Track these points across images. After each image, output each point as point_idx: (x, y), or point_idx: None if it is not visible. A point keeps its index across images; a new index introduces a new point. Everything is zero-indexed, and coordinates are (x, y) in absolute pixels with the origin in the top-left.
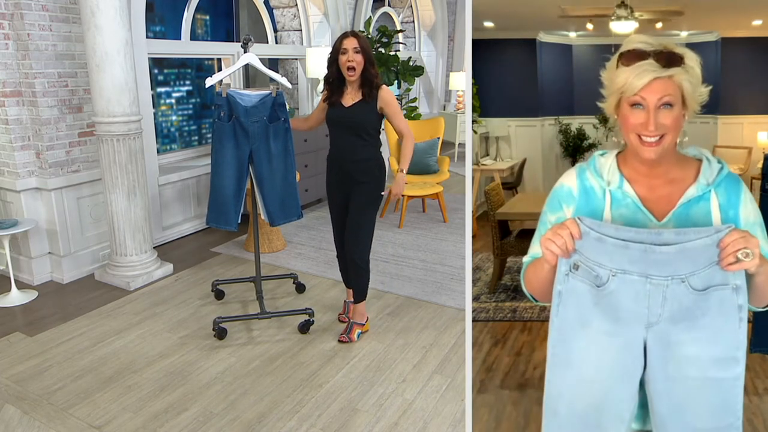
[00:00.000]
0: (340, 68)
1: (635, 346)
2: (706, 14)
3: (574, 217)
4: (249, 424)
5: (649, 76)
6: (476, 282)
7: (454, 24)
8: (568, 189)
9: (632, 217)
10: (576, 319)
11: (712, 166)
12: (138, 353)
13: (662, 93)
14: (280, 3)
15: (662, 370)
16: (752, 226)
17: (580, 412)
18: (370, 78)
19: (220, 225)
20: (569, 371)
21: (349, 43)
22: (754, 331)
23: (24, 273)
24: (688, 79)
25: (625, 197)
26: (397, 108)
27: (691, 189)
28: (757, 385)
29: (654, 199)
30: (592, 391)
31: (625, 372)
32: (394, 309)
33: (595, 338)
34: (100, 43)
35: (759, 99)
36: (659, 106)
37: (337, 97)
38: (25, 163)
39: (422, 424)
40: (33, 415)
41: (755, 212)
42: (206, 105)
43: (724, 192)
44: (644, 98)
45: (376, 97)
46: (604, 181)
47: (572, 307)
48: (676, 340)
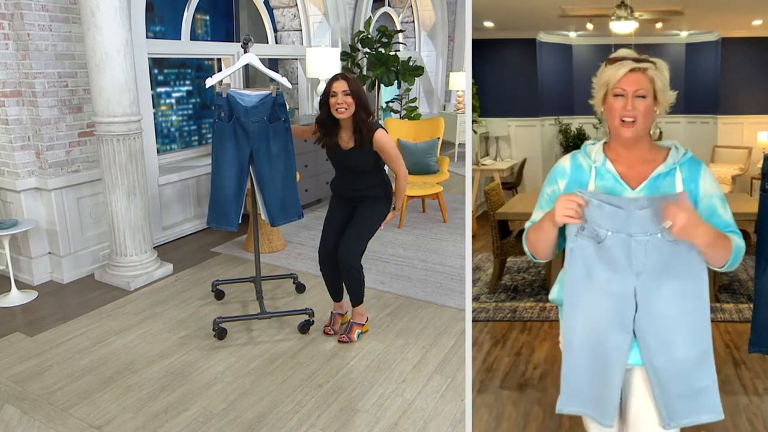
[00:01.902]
0: (330, 109)
1: (627, 292)
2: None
3: (566, 190)
4: (249, 424)
5: (627, 67)
6: (476, 282)
7: (454, 24)
8: (562, 167)
9: (612, 187)
10: (583, 270)
11: (679, 151)
12: (138, 353)
13: (637, 85)
14: (280, 3)
15: (649, 310)
16: (710, 197)
17: (589, 345)
18: (361, 123)
19: (221, 225)
20: (579, 313)
21: (338, 86)
22: (754, 331)
23: (24, 273)
24: (659, 77)
25: (607, 172)
26: (392, 152)
27: (660, 167)
28: (757, 385)
29: (631, 175)
30: (597, 329)
31: (620, 313)
32: (394, 309)
33: (597, 286)
34: (100, 43)
35: (759, 99)
36: (635, 96)
37: (331, 139)
38: (25, 163)
39: (422, 424)
40: (33, 415)
41: (715, 186)
42: (206, 105)
43: (687, 170)
44: (624, 89)
45: (370, 143)
46: (591, 160)
47: (580, 260)
48: (659, 283)
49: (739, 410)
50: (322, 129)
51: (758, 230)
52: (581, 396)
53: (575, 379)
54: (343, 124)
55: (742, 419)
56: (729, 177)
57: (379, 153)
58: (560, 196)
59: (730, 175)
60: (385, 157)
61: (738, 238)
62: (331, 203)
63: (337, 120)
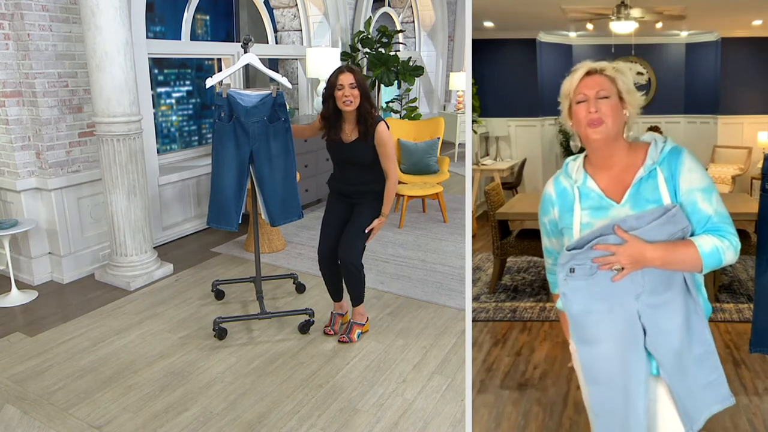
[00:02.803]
0: (336, 103)
1: (631, 317)
2: (706, 14)
3: (560, 216)
4: (249, 424)
5: (582, 70)
6: (476, 282)
7: (454, 24)
8: (549, 194)
9: (597, 206)
10: (581, 310)
11: (657, 146)
12: (138, 353)
13: (597, 87)
14: (280, 3)
15: (655, 327)
16: (690, 193)
17: (610, 377)
18: (366, 114)
19: (221, 225)
20: (592, 348)
21: (345, 79)
22: (754, 331)
23: (24, 273)
24: (619, 77)
25: (590, 191)
26: (390, 151)
27: (639, 171)
28: (757, 385)
29: (613, 186)
30: (612, 361)
31: (631, 339)
32: (394, 309)
33: (599, 320)
34: (100, 43)
35: (759, 99)
36: (597, 98)
37: (335, 132)
38: (26, 163)
39: (422, 424)
40: (33, 415)
41: (696, 178)
42: (206, 105)
43: (666, 167)
44: (584, 93)
45: (373, 135)
46: (573, 180)
47: (576, 302)
48: (660, 301)
49: (739, 410)
50: (327, 123)
51: (758, 230)
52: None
53: (605, 413)
54: (347, 116)
55: (742, 419)
56: (729, 177)
57: (378, 148)
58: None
59: (730, 175)
60: (381, 152)
61: (713, 236)
62: (329, 202)
63: (340, 113)
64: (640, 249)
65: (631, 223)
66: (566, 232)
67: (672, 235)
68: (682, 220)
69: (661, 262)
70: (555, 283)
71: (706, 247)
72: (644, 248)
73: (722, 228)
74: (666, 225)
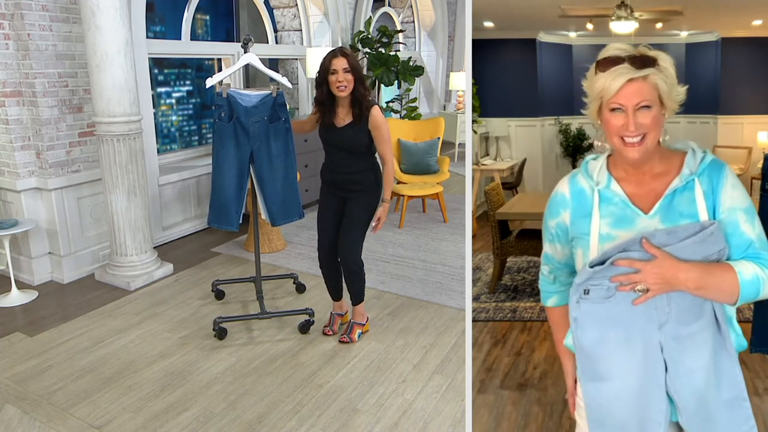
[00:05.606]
0: (330, 87)
1: (653, 349)
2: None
3: (572, 221)
4: (249, 424)
5: (624, 77)
6: (476, 282)
7: (454, 24)
8: (561, 195)
9: (621, 214)
10: (594, 339)
11: (696, 156)
12: (138, 353)
13: (639, 97)
14: (280, 3)
15: (681, 364)
16: (732, 211)
17: (621, 421)
18: (360, 98)
19: (221, 225)
20: (603, 385)
21: (338, 63)
22: (754, 331)
23: (24, 273)
24: (662, 79)
25: (614, 195)
26: (385, 133)
27: (675, 180)
28: (757, 385)
29: (642, 194)
30: (626, 402)
31: (651, 377)
32: (394, 309)
33: (616, 350)
34: (101, 43)
35: (759, 99)
36: (637, 109)
37: (329, 117)
38: (26, 163)
39: (422, 424)
40: (33, 415)
41: (738, 196)
42: (206, 105)
43: (707, 179)
44: (622, 104)
45: (367, 118)
46: (594, 181)
47: (588, 329)
48: (687, 333)
49: None
50: (321, 108)
51: None
52: None
53: None
54: (341, 101)
55: None
56: None
57: (373, 131)
58: (572, 395)
59: None
60: (376, 136)
61: (755, 264)
62: (321, 197)
63: (335, 97)
64: (673, 268)
65: (660, 238)
66: (579, 243)
67: (707, 257)
68: (720, 241)
69: (695, 285)
70: (548, 293)
71: (746, 275)
72: (677, 267)
73: (763, 256)
74: (702, 244)
